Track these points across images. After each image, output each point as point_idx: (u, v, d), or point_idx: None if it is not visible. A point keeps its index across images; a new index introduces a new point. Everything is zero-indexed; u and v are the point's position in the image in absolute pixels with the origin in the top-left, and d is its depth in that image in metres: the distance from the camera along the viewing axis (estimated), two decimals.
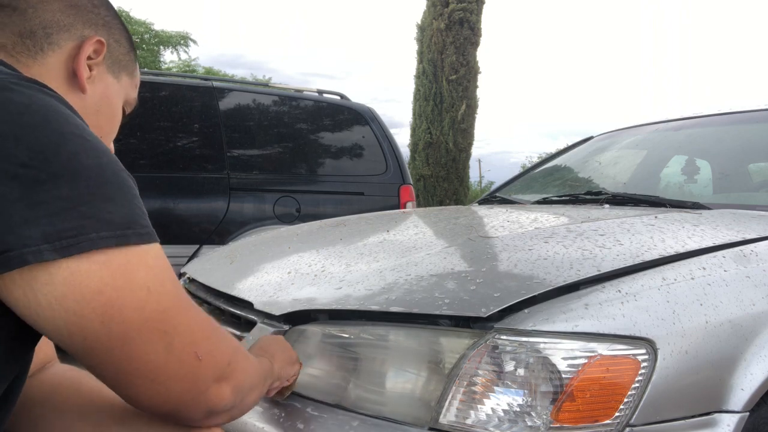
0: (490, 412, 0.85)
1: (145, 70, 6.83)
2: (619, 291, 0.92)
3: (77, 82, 0.75)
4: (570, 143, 2.90)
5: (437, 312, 0.92)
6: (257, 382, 0.75)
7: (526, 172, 2.75)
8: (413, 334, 0.95)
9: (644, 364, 0.85)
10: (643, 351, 0.85)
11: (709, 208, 1.56)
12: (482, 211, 1.92)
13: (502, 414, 0.85)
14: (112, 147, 0.84)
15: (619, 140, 2.51)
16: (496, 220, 1.64)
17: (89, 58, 0.76)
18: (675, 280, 0.95)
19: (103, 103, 0.79)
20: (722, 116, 2.24)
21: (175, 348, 0.60)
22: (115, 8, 0.85)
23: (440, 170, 9.49)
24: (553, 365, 0.84)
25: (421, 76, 9.71)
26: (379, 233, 1.55)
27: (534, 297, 0.91)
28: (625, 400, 0.83)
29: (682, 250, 1.06)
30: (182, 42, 16.92)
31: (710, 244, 1.10)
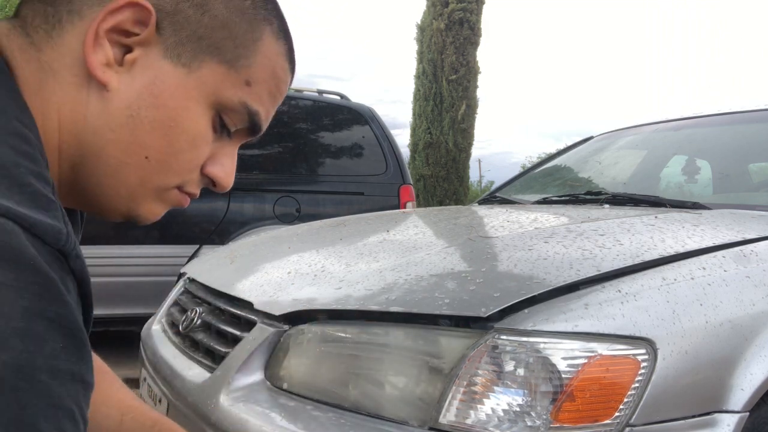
0: (490, 412, 0.85)
1: None
2: (619, 291, 0.92)
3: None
4: (571, 144, 2.90)
5: (437, 312, 0.92)
6: None
7: (526, 172, 2.75)
8: (413, 334, 0.95)
9: (644, 364, 0.85)
10: (643, 351, 0.85)
11: (709, 208, 1.56)
12: (482, 211, 1.92)
13: (501, 414, 0.84)
14: (163, 194, 0.55)
15: (619, 140, 2.51)
16: (496, 220, 1.64)
17: (125, 33, 0.49)
18: (675, 280, 0.95)
19: (145, 105, 0.51)
20: (722, 116, 2.24)
21: None
22: None
23: (440, 170, 9.49)
24: (553, 365, 0.84)
25: (421, 76, 9.71)
26: (379, 233, 1.55)
27: (534, 297, 0.91)
28: (625, 400, 0.83)
29: (682, 250, 1.06)
30: None
31: (710, 244, 1.10)
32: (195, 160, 0.55)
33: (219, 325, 1.24)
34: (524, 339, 0.86)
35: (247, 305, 1.19)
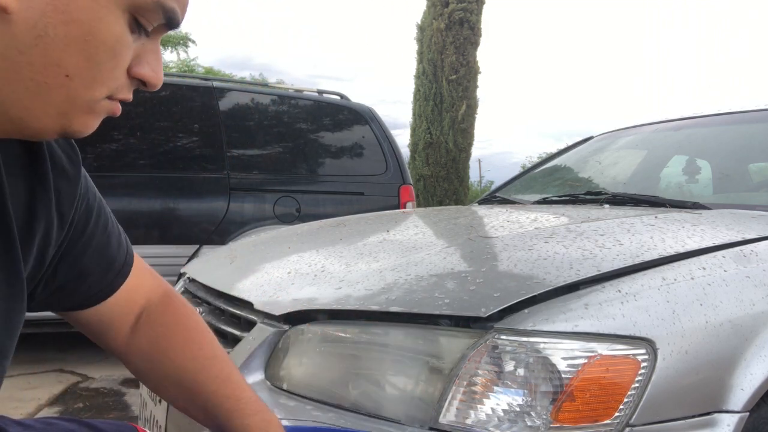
0: (489, 412, 0.85)
1: None
2: (619, 291, 0.92)
3: None
4: (571, 144, 2.90)
5: (437, 312, 0.92)
6: None
7: (526, 172, 2.75)
8: (413, 334, 0.95)
9: (644, 364, 0.85)
10: (643, 351, 0.85)
11: (709, 208, 1.56)
12: (482, 211, 1.92)
13: (501, 414, 0.85)
14: (85, 103, 0.53)
15: (619, 140, 2.51)
16: (496, 220, 1.64)
17: None
18: (675, 280, 0.95)
19: (53, 23, 0.48)
20: (722, 116, 2.23)
21: None
22: None
23: (440, 170, 9.49)
24: (553, 365, 0.84)
25: (421, 76, 9.71)
26: (379, 233, 1.55)
27: (534, 297, 0.91)
28: (625, 400, 0.83)
29: (682, 250, 1.06)
30: (182, 42, 16.95)
31: (710, 244, 1.10)
32: (119, 67, 0.53)
33: (219, 325, 1.24)
34: (524, 339, 0.86)
35: (247, 305, 1.19)
